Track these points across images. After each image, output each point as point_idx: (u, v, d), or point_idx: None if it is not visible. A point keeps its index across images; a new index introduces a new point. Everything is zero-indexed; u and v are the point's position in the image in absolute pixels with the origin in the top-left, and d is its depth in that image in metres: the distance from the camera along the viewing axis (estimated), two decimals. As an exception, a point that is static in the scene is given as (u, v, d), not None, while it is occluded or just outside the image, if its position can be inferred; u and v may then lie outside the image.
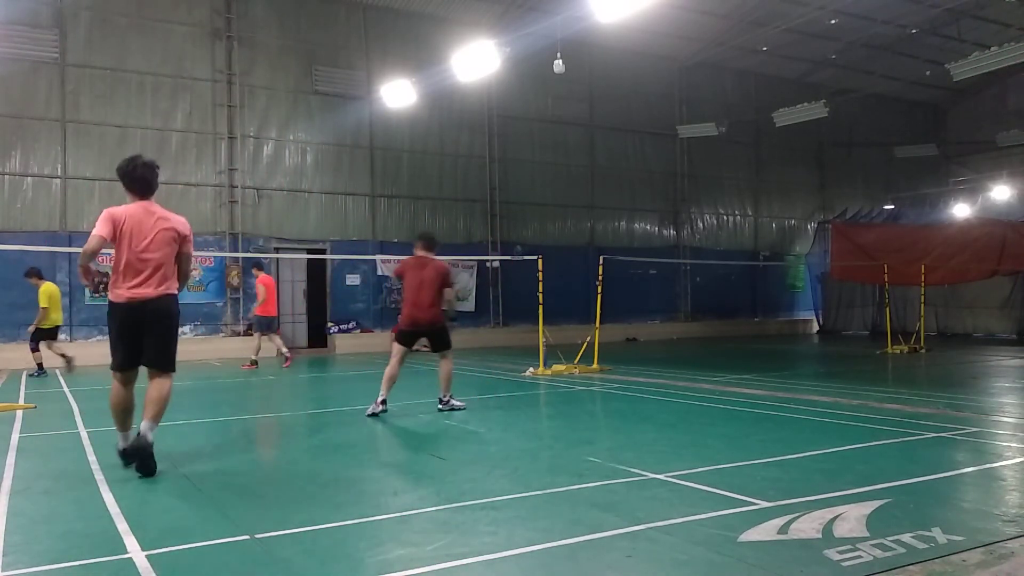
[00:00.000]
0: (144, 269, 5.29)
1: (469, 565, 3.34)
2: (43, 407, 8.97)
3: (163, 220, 5.41)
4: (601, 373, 12.19)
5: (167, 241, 5.38)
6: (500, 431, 7.09)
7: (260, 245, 18.04)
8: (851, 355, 16.47)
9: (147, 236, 5.30)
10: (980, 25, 21.71)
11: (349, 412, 6.89)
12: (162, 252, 5.35)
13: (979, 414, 7.46)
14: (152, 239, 5.31)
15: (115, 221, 5.27)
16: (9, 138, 15.83)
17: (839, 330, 24.96)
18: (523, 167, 21.67)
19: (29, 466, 5.63)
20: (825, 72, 25.17)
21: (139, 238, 5.28)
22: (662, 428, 7.10)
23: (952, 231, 21.79)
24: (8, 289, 15.64)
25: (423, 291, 7.96)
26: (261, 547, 3.66)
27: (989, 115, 27.31)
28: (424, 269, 8.07)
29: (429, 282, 7.98)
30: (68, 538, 3.84)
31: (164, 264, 5.36)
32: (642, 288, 23.04)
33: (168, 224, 5.41)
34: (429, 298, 7.98)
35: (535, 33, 17.16)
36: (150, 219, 5.35)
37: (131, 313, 5.33)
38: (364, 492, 4.89)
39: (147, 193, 5.46)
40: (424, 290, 7.96)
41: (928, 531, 3.65)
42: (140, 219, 5.32)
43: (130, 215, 5.32)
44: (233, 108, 17.81)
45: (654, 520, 3.91)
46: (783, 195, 26.76)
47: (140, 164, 5.44)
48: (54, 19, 16.28)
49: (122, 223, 5.28)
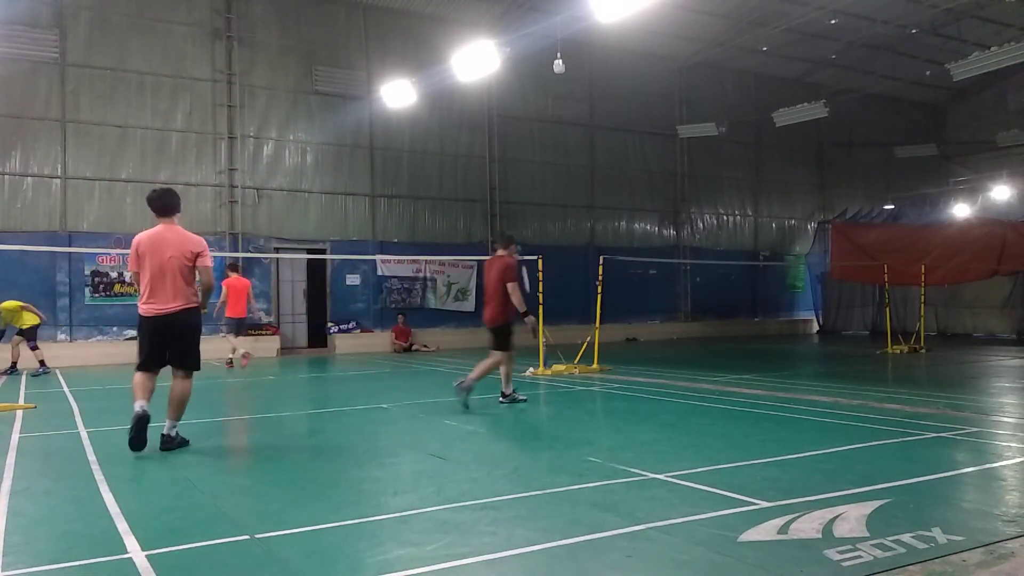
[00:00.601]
0: (162, 286, 5.96)
1: (469, 565, 3.35)
2: (43, 407, 8.97)
3: (177, 241, 6.05)
4: (601, 373, 12.19)
5: (181, 260, 6.00)
6: (500, 431, 7.10)
7: (260, 245, 18.04)
8: (851, 355, 16.47)
9: (162, 257, 5.96)
10: (980, 25, 21.70)
11: (349, 412, 6.88)
12: (177, 270, 5.98)
13: (979, 414, 7.46)
14: (167, 259, 5.96)
15: (135, 248, 6.08)
16: (9, 138, 15.83)
17: (839, 330, 24.95)
18: (523, 167, 21.68)
19: (29, 466, 5.63)
20: (825, 72, 25.16)
21: (156, 259, 5.96)
22: (662, 428, 7.10)
23: (952, 231, 21.78)
24: (8, 289, 15.63)
25: (487, 290, 8.38)
26: (261, 547, 3.66)
27: (989, 115, 27.29)
28: (491, 270, 8.36)
29: (493, 281, 8.26)
30: (68, 538, 3.84)
31: (180, 280, 5.99)
32: (642, 288, 23.04)
33: (182, 244, 6.05)
34: (490, 297, 8.29)
35: (535, 33, 17.16)
36: (165, 241, 6.01)
37: (155, 325, 6.02)
38: (364, 492, 4.89)
39: (166, 215, 6.12)
40: (488, 289, 8.35)
41: (928, 531, 3.65)
42: (155, 242, 6.01)
43: (147, 239, 6.06)
44: (233, 108, 17.81)
45: (654, 520, 3.91)
46: (783, 195, 26.76)
47: (157, 192, 6.24)
48: (54, 19, 16.28)
49: (139, 247, 6.05)
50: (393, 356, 17.52)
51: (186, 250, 6.03)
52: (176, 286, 5.97)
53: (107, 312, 16.53)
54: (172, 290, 5.96)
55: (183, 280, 6.00)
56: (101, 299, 16.48)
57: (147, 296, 6.03)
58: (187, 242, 6.07)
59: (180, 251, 6.01)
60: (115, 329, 16.56)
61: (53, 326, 15.97)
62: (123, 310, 16.63)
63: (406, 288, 19.92)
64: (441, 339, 19.80)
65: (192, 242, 6.10)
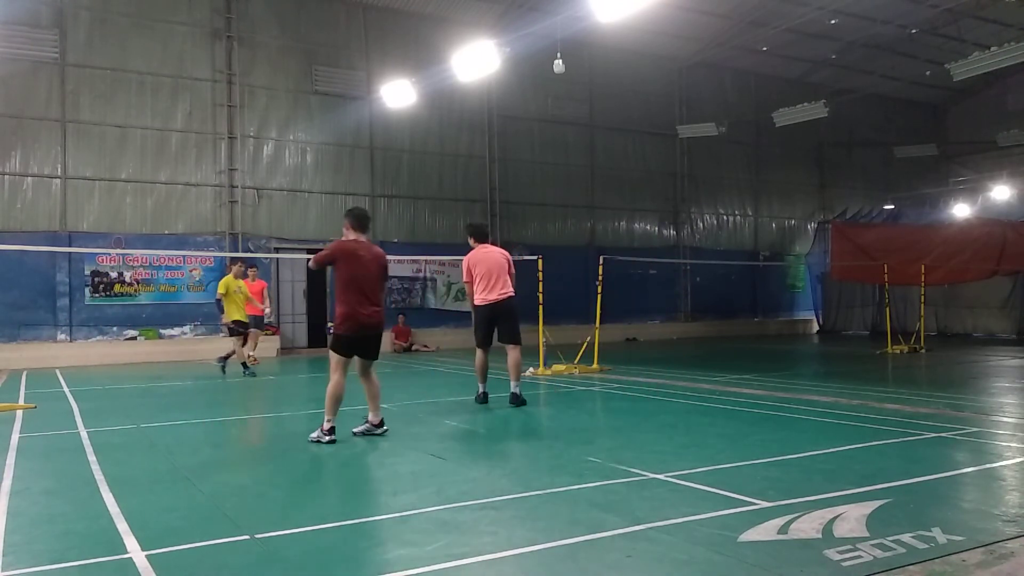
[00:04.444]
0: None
1: (469, 565, 3.35)
2: (43, 407, 8.97)
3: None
4: (601, 373, 12.18)
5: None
6: (500, 431, 7.10)
7: (260, 245, 18.04)
8: (851, 355, 16.46)
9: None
10: (980, 25, 21.70)
11: (349, 412, 6.88)
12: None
13: (979, 414, 7.46)
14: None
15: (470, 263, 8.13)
16: (9, 138, 15.82)
17: (839, 330, 24.95)
18: (523, 167, 21.67)
19: (29, 466, 5.63)
20: (825, 72, 25.16)
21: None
22: (662, 428, 7.10)
23: (952, 231, 21.77)
24: (8, 289, 15.66)
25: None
26: (261, 547, 3.66)
27: (989, 115, 27.27)
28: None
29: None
30: (68, 538, 3.84)
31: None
32: (642, 288, 23.04)
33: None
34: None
35: (535, 33, 17.15)
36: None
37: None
38: (364, 492, 4.89)
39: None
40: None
41: (928, 531, 3.65)
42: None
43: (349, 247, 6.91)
44: (233, 108, 17.80)
45: (654, 520, 3.91)
46: (783, 195, 26.76)
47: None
48: (54, 19, 16.27)
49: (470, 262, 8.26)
50: (393, 356, 17.52)
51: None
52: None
53: (107, 312, 16.52)
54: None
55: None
56: (101, 299, 16.47)
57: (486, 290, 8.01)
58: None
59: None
60: (115, 329, 16.55)
61: (53, 326, 15.99)
62: (123, 310, 16.63)
63: (406, 288, 19.92)
64: (441, 339, 19.80)
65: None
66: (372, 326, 6.38)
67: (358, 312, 6.30)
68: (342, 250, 6.41)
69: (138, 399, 10.19)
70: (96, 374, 13.59)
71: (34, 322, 15.85)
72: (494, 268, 8.29)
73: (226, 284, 12.59)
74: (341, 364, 6.42)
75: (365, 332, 6.39)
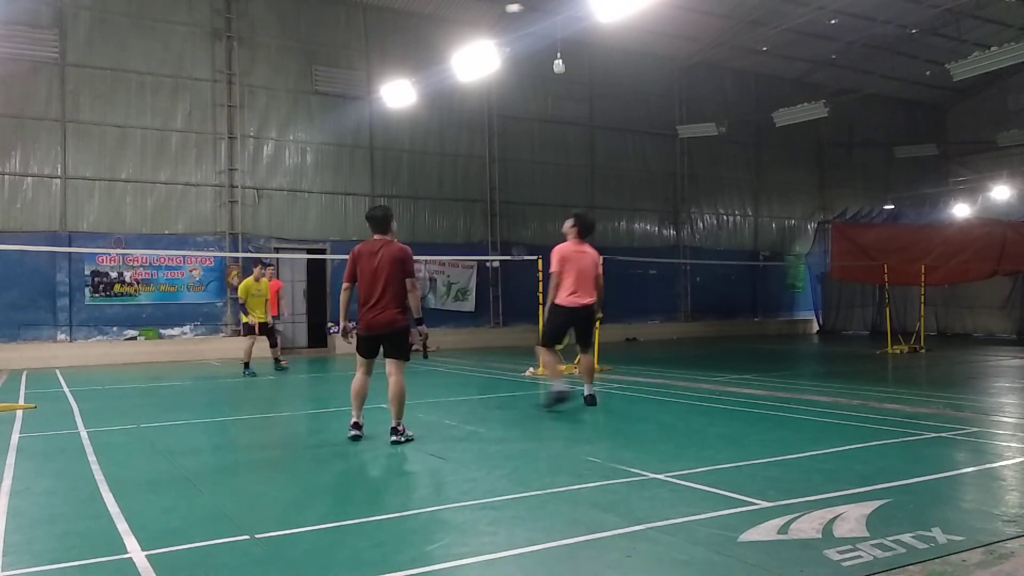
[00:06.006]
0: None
1: (469, 565, 3.35)
2: (43, 407, 8.97)
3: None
4: (601, 373, 12.16)
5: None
6: (500, 431, 7.10)
7: (260, 245, 18.04)
8: (851, 355, 16.46)
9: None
10: (980, 25, 21.70)
11: (349, 412, 6.86)
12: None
13: (979, 414, 7.46)
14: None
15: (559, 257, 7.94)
16: (9, 138, 15.82)
17: (839, 330, 24.94)
18: (523, 167, 21.67)
19: (29, 466, 5.63)
20: (825, 72, 25.16)
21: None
22: (662, 428, 7.10)
23: (952, 231, 21.76)
24: (8, 289, 15.65)
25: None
26: (261, 547, 3.66)
27: (989, 115, 27.28)
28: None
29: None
30: (68, 538, 3.84)
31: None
32: (642, 288, 23.03)
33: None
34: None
35: (535, 33, 17.15)
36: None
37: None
38: (364, 492, 4.89)
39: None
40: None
41: (928, 531, 3.65)
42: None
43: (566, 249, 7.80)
44: (233, 108, 17.80)
45: (654, 520, 3.91)
46: (783, 195, 26.76)
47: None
48: (54, 19, 16.27)
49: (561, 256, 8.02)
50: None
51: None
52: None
53: (107, 312, 16.52)
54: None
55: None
56: (101, 299, 16.47)
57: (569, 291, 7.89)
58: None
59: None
60: (115, 329, 16.55)
61: (53, 326, 15.99)
62: (123, 310, 16.63)
63: (406, 288, 19.88)
64: (441, 339, 19.76)
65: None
66: (377, 325, 6.34)
67: (363, 312, 6.36)
68: (352, 255, 6.52)
69: (138, 399, 10.19)
70: (96, 374, 13.59)
71: (34, 322, 15.85)
72: (586, 271, 8.15)
73: (245, 288, 12.67)
74: (359, 363, 6.55)
75: (372, 332, 6.38)
